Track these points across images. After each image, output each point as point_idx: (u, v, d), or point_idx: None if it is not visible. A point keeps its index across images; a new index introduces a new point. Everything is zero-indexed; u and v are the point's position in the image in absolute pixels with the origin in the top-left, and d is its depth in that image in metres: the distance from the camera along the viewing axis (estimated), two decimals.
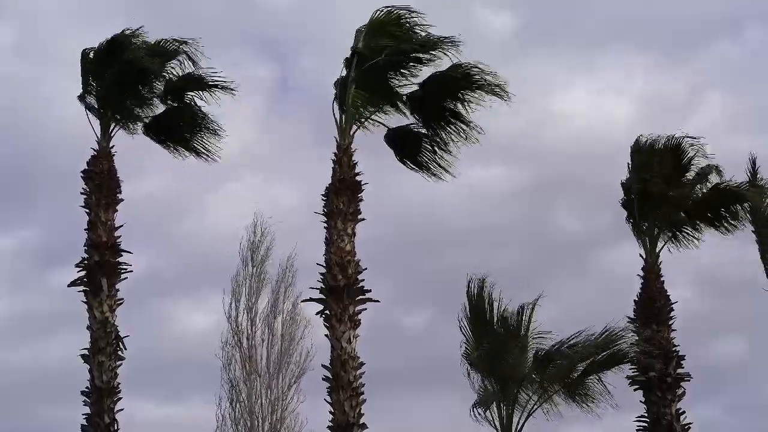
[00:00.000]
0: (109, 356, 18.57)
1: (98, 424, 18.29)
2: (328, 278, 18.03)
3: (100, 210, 19.18)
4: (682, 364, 20.50)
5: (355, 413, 17.49)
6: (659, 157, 21.20)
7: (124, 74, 19.63)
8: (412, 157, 19.90)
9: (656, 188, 20.95)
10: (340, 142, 18.70)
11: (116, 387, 18.55)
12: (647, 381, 20.21)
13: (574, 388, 19.33)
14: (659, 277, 20.88)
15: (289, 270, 32.15)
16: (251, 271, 32.24)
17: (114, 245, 19.14)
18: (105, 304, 18.78)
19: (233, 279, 31.96)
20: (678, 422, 20.05)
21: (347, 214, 18.25)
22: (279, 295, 31.98)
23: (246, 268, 32.21)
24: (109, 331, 18.69)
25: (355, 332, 17.83)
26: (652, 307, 20.59)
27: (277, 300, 31.95)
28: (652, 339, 20.33)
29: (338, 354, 17.65)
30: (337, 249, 18.05)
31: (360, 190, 18.47)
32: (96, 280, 18.85)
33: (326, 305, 18.00)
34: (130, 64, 19.49)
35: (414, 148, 19.80)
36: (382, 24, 18.83)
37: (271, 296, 31.98)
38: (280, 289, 32.04)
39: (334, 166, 18.54)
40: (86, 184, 19.39)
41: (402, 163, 20.00)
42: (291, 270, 32.14)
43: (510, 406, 19.01)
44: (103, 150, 19.56)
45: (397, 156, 19.93)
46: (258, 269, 32.30)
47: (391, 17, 18.85)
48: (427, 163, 19.91)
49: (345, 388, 17.49)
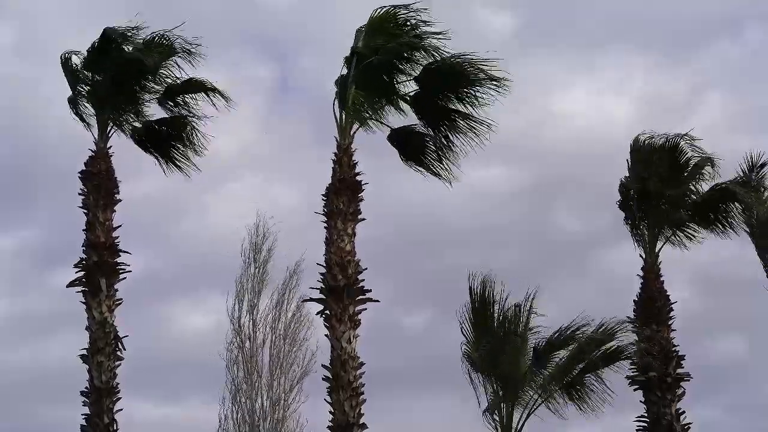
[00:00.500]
0: (108, 356, 18.54)
1: (97, 424, 18.26)
2: (328, 278, 18.01)
3: (99, 210, 19.13)
4: (682, 364, 20.50)
5: (355, 413, 17.48)
6: (658, 155, 21.18)
7: (120, 72, 19.56)
8: (417, 158, 19.81)
9: (654, 187, 20.94)
10: (340, 142, 18.67)
11: (115, 387, 18.52)
12: (647, 381, 20.20)
13: (574, 386, 19.33)
14: (659, 276, 20.87)
15: (296, 273, 32.22)
16: (253, 271, 32.31)
17: (112, 245, 19.10)
18: (104, 304, 18.74)
19: (237, 280, 32.07)
20: (678, 422, 20.04)
21: (347, 214, 18.23)
22: (284, 297, 32.06)
23: (248, 268, 32.30)
24: (108, 331, 18.67)
25: (355, 332, 17.81)
26: (651, 307, 20.58)
27: (281, 301, 32.03)
28: (652, 339, 20.32)
29: (338, 354, 17.63)
30: (337, 249, 18.03)
31: (360, 190, 18.45)
32: (95, 280, 18.81)
33: (326, 305, 17.98)
34: (125, 62, 19.41)
35: (418, 148, 19.73)
36: (380, 22, 18.75)
37: (276, 297, 32.07)
38: (285, 291, 32.14)
39: (334, 166, 18.51)
40: (84, 184, 19.34)
41: (406, 164, 19.90)
42: (298, 273, 32.19)
43: (510, 405, 19.00)
44: (101, 151, 19.49)
45: (402, 156, 19.83)
46: (260, 270, 32.35)
47: (389, 15, 18.79)
48: (431, 163, 19.82)
49: (345, 388, 17.47)
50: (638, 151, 21.27)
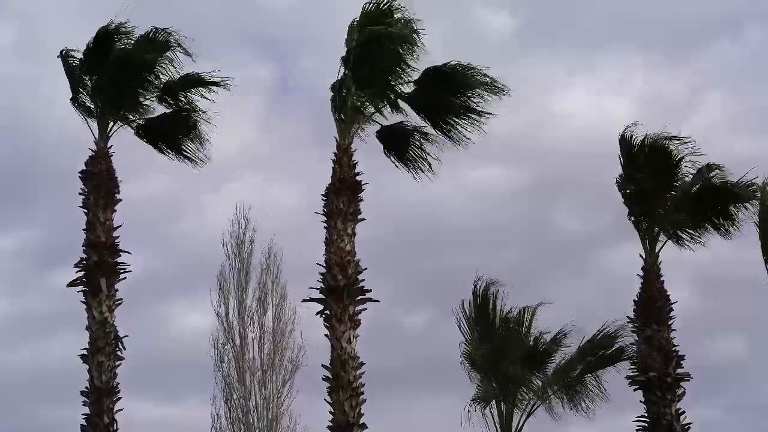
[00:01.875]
0: (108, 356, 18.56)
1: (97, 424, 18.28)
2: (328, 278, 18.03)
3: (99, 210, 19.14)
4: (682, 364, 20.49)
5: (355, 413, 17.50)
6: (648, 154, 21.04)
7: (118, 70, 19.54)
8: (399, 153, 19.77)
9: (647, 186, 20.88)
10: (340, 142, 18.69)
11: (115, 387, 18.54)
12: (647, 381, 20.19)
13: (573, 387, 19.35)
14: (659, 276, 20.84)
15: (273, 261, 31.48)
16: (237, 266, 31.53)
17: (113, 245, 19.11)
18: (104, 304, 18.75)
19: (218, 276, 31.27)
20: (678, 422, 20.03)
21: (347, 214, 18.25)
22: (267, 288, 31.38)
23: (233, 263, 31.52)
24: (108, 331, 18.68)
25: (355, 332, 17.84)
26: (652, 307, 20.56)
27: (264, 294, 31.33)
28: (652, 339, 20.32)
29: (338, 354, 17.66)
30: (337, 249, 18.05)
31: (360, 190, 18.47)
32: (95, 280, 18.82)
33: (326, 305, 18.00)
34: (123, 59, 19.41)
35: (402, 143, 19.66)
36: (372, 17, 18.65)
37: (258, 290, 31.31)
38: (266, 282, 31.41)
39: (334, 166, 18.54)
40: (84, 184, 19.35)
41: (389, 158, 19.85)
42: (275, 261, 31.46)
43: (510, 405, 19.02)
44: (101, 150, 19.50)
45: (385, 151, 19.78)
46: (245, 263, 31.58)
47: (380, 9, 18.69)
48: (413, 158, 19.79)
49: (345, 388, 17.50)
50: (628, 149, 21.10)
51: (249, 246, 31.81)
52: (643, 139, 20.82)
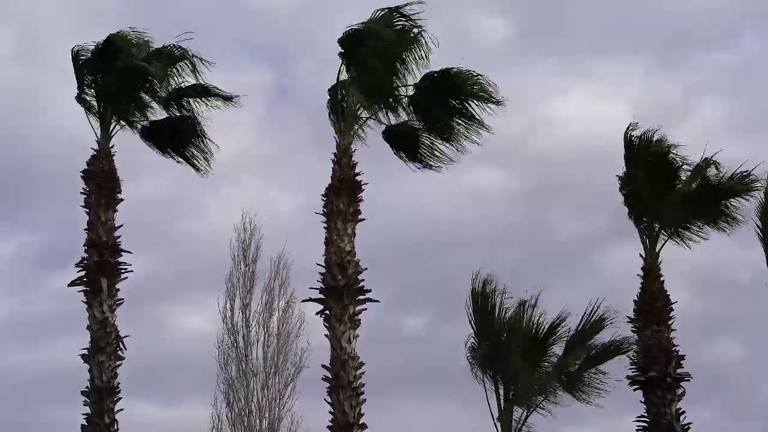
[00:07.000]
0: (109, 356, 18.57)
1: (98, 424, 18.29)
2: (328, 278, 18.07)
3: (100, 210, 19.15)
4: (682, 364, 20.51)
5: (355, 413, 17.54)
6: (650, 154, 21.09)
7: (125, 78, 19.58)
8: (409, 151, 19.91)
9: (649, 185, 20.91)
10: (339, 143, 18.73)
11: (116, 387, 18.55)
12: (647, 381, 20.22)
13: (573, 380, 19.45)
14: (659, 276, 20.86)
15: (283, 267, 32.06)
16: (243, 270, 32.13)
17: (114, 245, 19.12)
18: (105, 304, 18.77)
19: (227, 279, 31.87)
20: (678, 422, 20.04)
21: (347, 214, 18.29)
22: (274, 293, 31.91)
23: (238, 267, 32.11)
24: (109, 331, 18.70)
25: (355, 332, 17.88)
26: (652, 307, 20.57)
27: (272, 299, 31.87)
28: (652, 339, 20.35)
29: (338, 354, 17.70)
30: (337, 249, 18.09)
31: (360, 190, 18.52)
32: (96, 280, 18.83)
33: (326, 305, 18.04)
34: (132, 68, 19.45)
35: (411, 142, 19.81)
36: (374, 20, 18.72)
37: (266, 295, 31.90)
38: (274, 288, 31.96)
39: (333, 167, 18.58)
40: (86, 184, 19.36)
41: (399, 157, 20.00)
42: (285, 267, 32.05)
43: (511, 402, 19.06)
44: (103, 150, 19.51)
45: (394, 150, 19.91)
46: (250, 268, 32.17)
47: (383, 13, 18.77)
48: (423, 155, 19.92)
49: (345, 388, 17.54)
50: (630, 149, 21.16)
51: (255, 251, 32.42)
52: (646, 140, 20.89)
